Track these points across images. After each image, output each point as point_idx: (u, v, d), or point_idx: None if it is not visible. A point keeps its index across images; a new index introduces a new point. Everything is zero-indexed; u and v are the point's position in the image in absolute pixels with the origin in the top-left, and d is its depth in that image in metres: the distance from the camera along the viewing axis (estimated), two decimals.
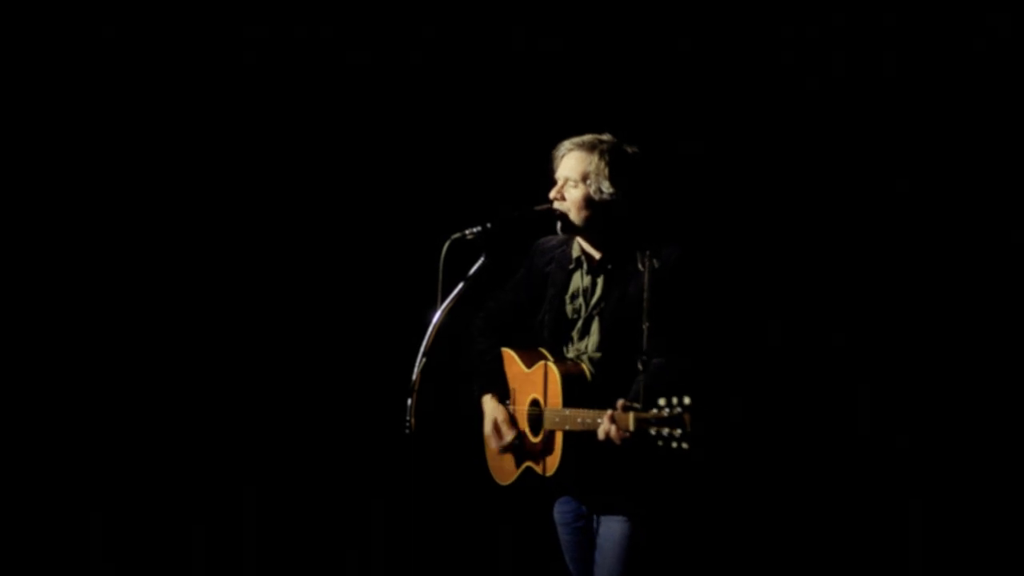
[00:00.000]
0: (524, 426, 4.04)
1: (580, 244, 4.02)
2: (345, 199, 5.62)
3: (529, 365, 4.05)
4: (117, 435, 5.53)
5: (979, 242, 5.06)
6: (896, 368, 5.13)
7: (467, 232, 3.92)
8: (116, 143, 5.58)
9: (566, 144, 3.99)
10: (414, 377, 3.81)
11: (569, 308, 4.01)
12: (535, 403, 4.01)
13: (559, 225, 3.96)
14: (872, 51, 5.14)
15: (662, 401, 3.50)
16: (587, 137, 3.97)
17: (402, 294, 5.17)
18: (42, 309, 5.53)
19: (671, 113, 5.24)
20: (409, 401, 3.79)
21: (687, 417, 3.46)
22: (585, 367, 3.93)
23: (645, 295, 3.71)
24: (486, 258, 3.91)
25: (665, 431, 3.48)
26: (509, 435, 4.04)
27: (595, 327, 3.95)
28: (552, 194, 3.96)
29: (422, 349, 3.83)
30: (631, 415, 3.56)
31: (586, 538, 4.05)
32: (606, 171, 3.90)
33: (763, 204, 5.23)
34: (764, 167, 5.25)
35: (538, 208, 3.98)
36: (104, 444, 5.52)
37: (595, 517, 3.98)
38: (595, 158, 3.92)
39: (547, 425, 3.93)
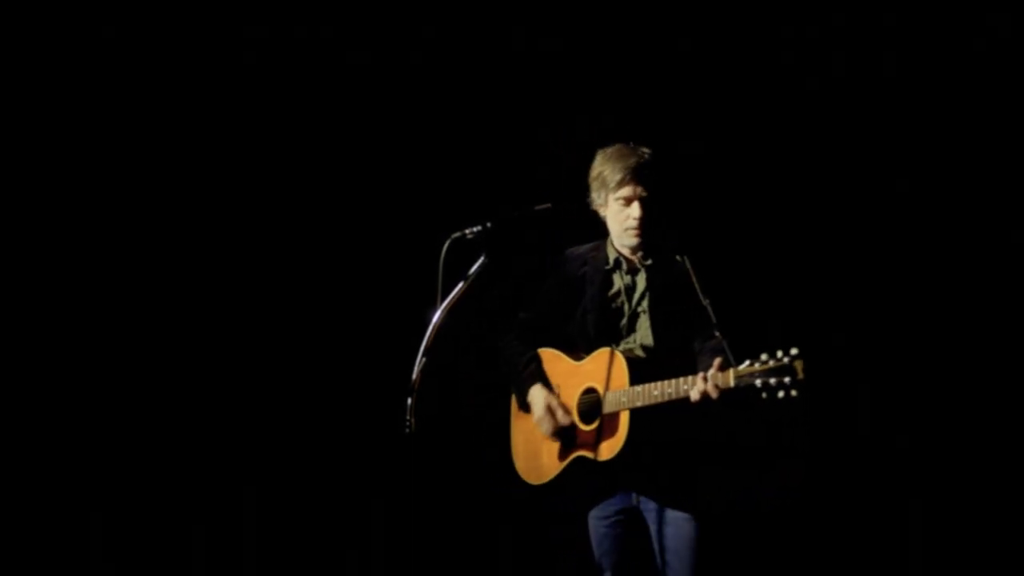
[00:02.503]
0: (575, 416, 4.11)
1: (615, 247, 4.14)
2: (345, 199, 5.62)
3: (578, 359, 4.13)
4: (117, 435, 5.53)
5: (979, 242, 5.06)
6: (896, 368, 5.12)
7: (467, 232, 3.94)
8: (116, 143, 5.58)
9: (638, 161, 4.06)
10: (414, 377, 3.82)
11: (611, 307, 4.11)
12: (590, 391, 4.07)
13: (637, 242, 4.07)
14: (872, 51, 5.14)
15: (764, 355, 3.66)
16: (645, 149, 4.09)
17: (402, 294, 5.17)
18: (42, 309, 5.53)
19: (671, 113, 5.24)
20: (409, 401, 3.79)
21: (799, 364, 3.60)
22: (641, 356, 4.04)
23: (694, 281, 3.87)
24: (486, 258, 3.93)
25: (772, 380, 3.62)
26: (564, 419, 4.10)
27: (643, 321, 4.07)
28: (640, 215, 4.04)
29: (422, 349, 3.83)
30: (731, 372, 3.71)
31: (625, 531, 4.11)
32: (667, 183, 4.07)
33: (763, 204, 5.23)
34: (764, 167, 5.25)
35: (538, 208, 4.00)
36: (104, 444, 5.52)
37: (657, 511, 4.00)
38: (658, 172, 4.06)
39: (608, 408, 3.99)
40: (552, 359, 4.24)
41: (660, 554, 4.00)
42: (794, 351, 3.62)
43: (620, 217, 4.08)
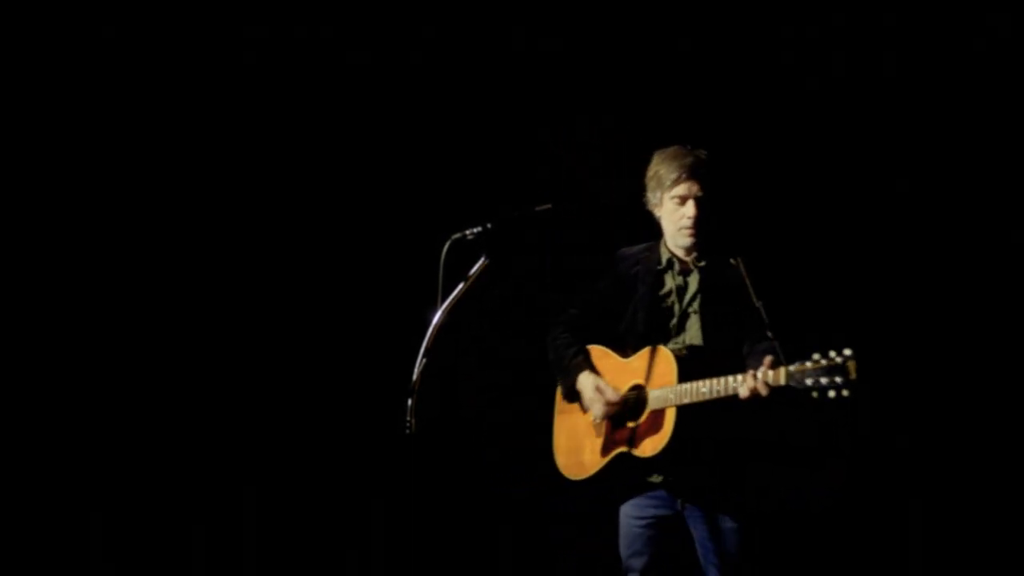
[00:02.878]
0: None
1: (668, 247, 4.18)
2: (345, 199, 5.62)
3: (626, 355, 4.16)
4: (117, 435, 5.53)
5: (979, 242, 5.06)
6: (895, 368, 5.12)
7: (467, 232, 3.94)
8: (116, 143, 5.57)
9: (693, 161, 4.10)
10: (414, 377, 3.81)
11: (662, 306, 4.14)
12: (636, 387, 4.10)
13: (691, 242, 4.10)
14: (872, 51, 5.14)
15: (816, 355, 3.71)
16: (701, 151, 4.13)
17: (402, 294, 5.17)
18: (42, 309, 5.52)
19: (671, 112, 5.24)
20: (409, 401, 3.79)
21: (851, 364, 3.66)
22: (688, 355, 4.06)
23: (748, 283, 3.91)
24: (486, 258, 3.92)
25: (824, 380, 3.68)
26: (615, 397, 4.11)
27: (694, 321, 4.10)
28: (696, 214, 4.07)
29: (422, 349, 3.83)
30: (782, 370, 3.76)
31: (660, 534, 4.12)
32: (724, 183, 4.12)
33: (763, 204, 5.23)
34: (763, 167, 5.24)
35: (538, 208, 4.00)
36: (104, 444, 5.52)
37: (704, 519, 4.04)
38: (713, 172, 4.11)
39: (654, 405, 4.02)
40: (601, 355, 4.26)
41: (716, 565, 4.03)
42: (847, 351, 3.68)
43: (675, 216, 4.12)
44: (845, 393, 3.66)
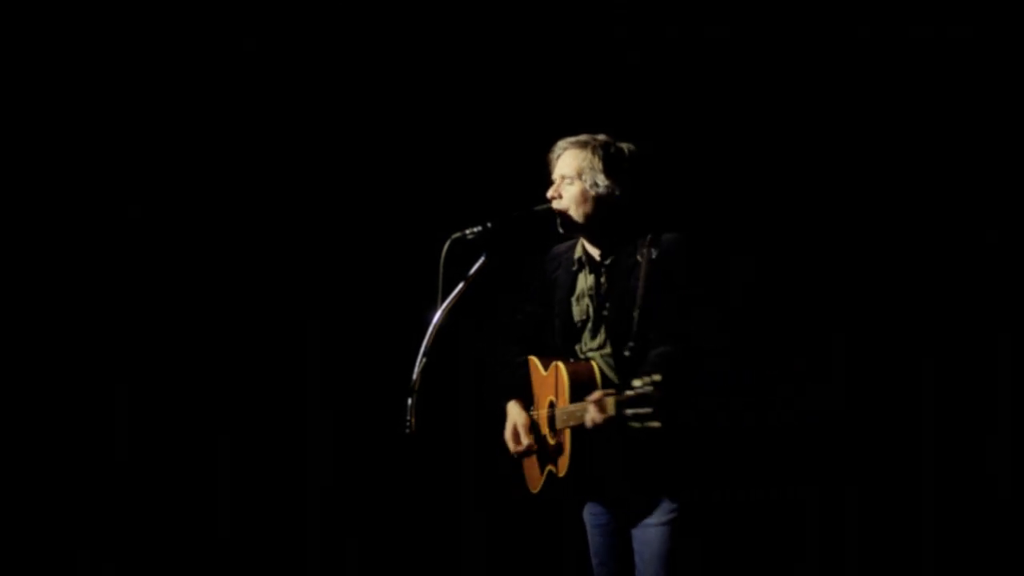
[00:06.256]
0: (545, 429, 4.01)
1: (582, 244, 4.03)
2: (345, 199, 5.62)
3: (546, 368, 4.04)
4: (116, 435, 5.53)
5: (979, 242, 5.06)
6: (894, 368, 5.13)
7: (467, 232, 3.93)
8: (116, 143, 5.58)
9: (560, 144, 4.01)
10: (414, 377, 3.81)
11: (576, 309, 4.01)
12: (551, 404, 4.00)
13: (559, 223, 3.95)
14: (872, 51, 5.14)
15: (637, 382, 3.53)
16: (581, 136, 3.99)
17: (402, 294, 5.17)
18: (41, 309, 5.53)
19: (671, 112, 5.25)
20: (409, 401, 3.79)
21: (655, 394, 3.47)
22: (595, 365, 3.89)
23: (640, 284, 3.78)
24: (486, 258, 3.92)
25: (640, 410, 3.51)
26: (526, 439, 4.01)
27: (604, 326, 3.94)
28: (550, 193, 3.96)
29: (422, 349, 3.83)
30: (611, 399, 3.60)
31: (619, 539, 3.98)
32: (600, 165, 3.91)
33: (763, 204, 5.23)
34: (762, 167, 5.25)
35: (538, 208, 3.99)
36: (104, 444, 5.52)
37: (628, 519, 3.92)
38: (588, 154, 3.93)
39: (559, 424, 3.91)
40: (533, 368, 4.12)
41: (639, 565, 3.91)
42: (656, 378, 3.50)
43: None
44: (654, 424, 3.49)
